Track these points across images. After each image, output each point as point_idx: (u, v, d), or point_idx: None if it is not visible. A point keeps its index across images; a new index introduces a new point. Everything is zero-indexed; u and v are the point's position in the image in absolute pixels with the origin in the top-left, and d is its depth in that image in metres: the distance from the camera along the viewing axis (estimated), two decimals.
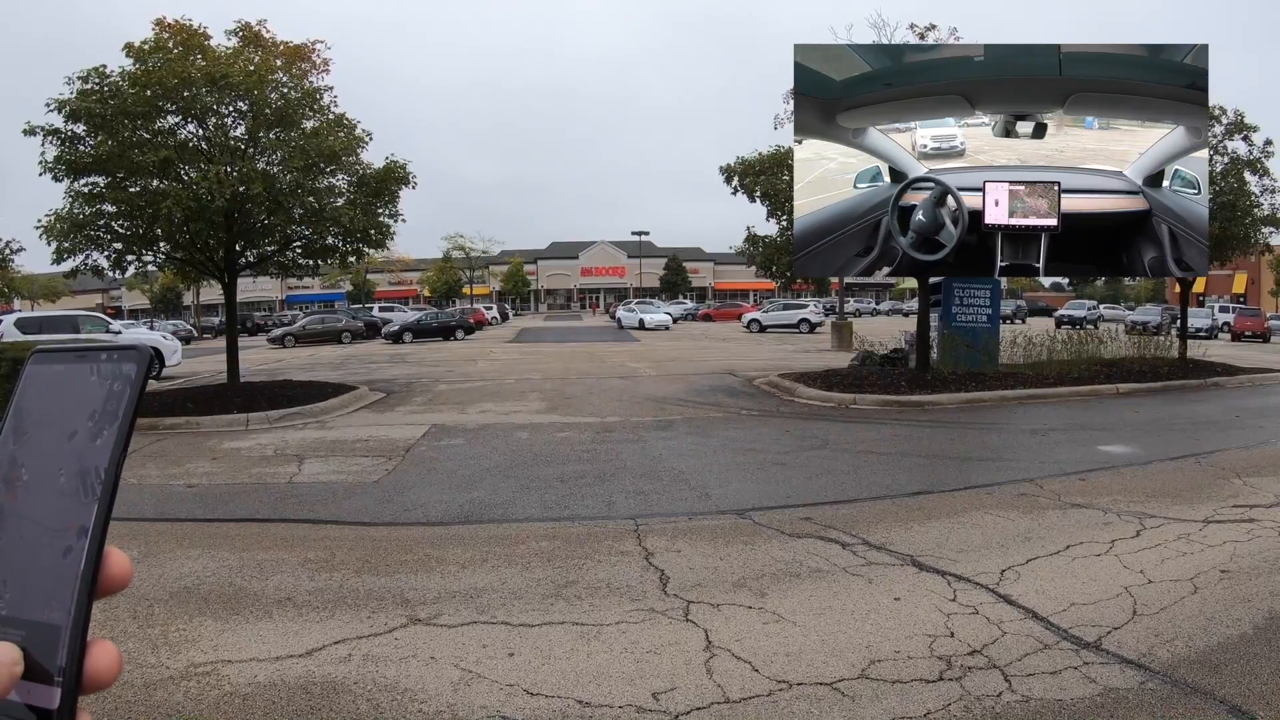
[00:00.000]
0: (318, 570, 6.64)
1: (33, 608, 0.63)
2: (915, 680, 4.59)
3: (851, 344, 29.50)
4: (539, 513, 8.48)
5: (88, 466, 0.65)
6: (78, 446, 0.66)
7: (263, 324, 62.12)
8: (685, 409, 16.01)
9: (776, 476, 10.10)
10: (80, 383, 0.68)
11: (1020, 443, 12.41)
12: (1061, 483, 9.33)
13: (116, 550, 0.66)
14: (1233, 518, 7.69)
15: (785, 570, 6.51)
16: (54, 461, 0.66)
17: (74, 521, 0.64)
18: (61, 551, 0.64)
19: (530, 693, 4.52)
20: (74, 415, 0.67)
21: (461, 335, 46.38)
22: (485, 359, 30.36)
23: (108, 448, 0.66)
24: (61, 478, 0.66)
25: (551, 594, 6.04)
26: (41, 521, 0.65)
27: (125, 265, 16.38)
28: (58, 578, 0.63)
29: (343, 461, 11.22)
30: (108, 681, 0.64)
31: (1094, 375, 18.63)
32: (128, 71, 14.97)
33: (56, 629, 0.62)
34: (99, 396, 0.67)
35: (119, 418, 0.67)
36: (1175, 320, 27.08)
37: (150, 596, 6.00)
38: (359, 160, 17.32)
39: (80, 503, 0.65)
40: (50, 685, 0.61)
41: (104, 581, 0.65)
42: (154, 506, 8.95)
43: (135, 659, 4.94)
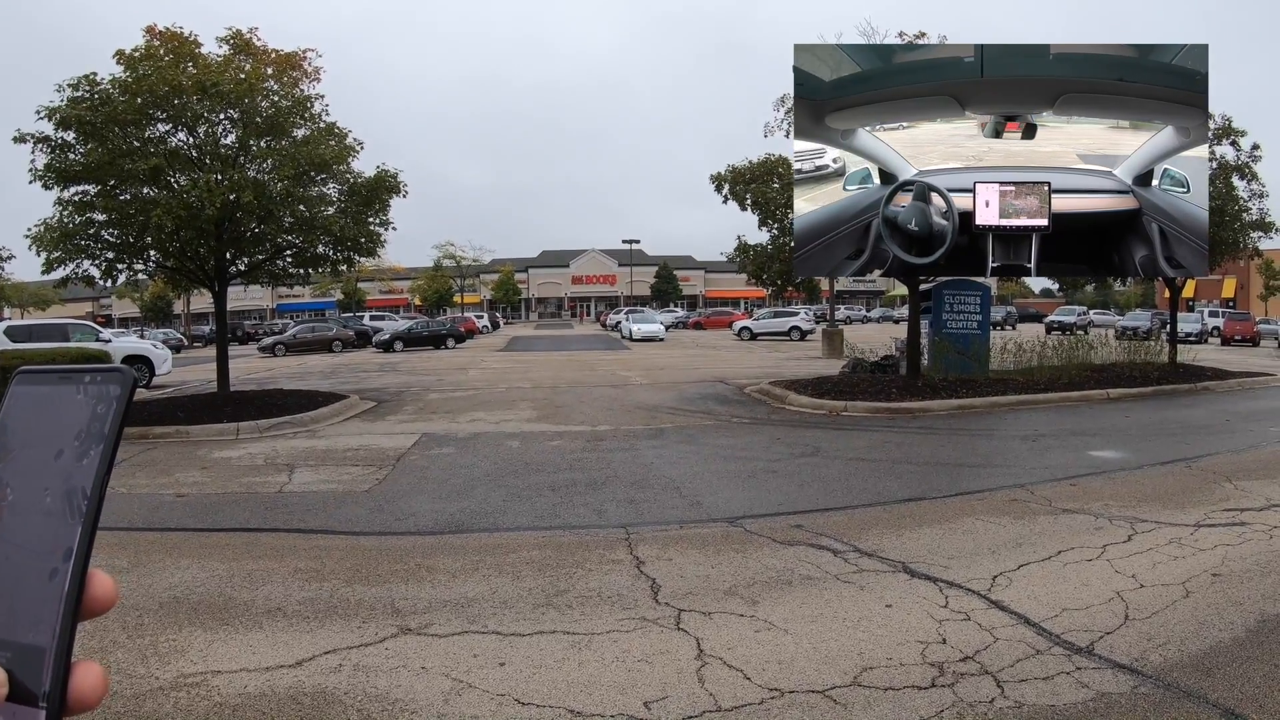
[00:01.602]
0: (308, 580, 6.61)
1: (17, 629, 0.62)
2: (908, 687, 4.58)
3: (842, 351, 29.56)
4: (530, 521, 8.46)
5: (73, 488, 0.65)
6: (62, 468, 0.66)
7: (253, 333, 62.00)
8: (676, 417, 16.00)
9: (768, 484, 10.10)
10: (65, 404, 0.68)
11: (1011, 448, 12.43)
12: (1053, 488, 9.34)
13: (100, 572, 0.66)
14: (1224, 521, 7.71)
15: (777, 578, 6.50)
16: (39, 482, 0.66)
17: (58, 543, 0.64)
18: (46, 573, 0.63)
19: (521, 702, 4.50)
20: (58, 437, 0.67)
21: (452, 344, 46.25)
22: (476, 367, 30.32)
23: (92, 469, 0.66)
24: (46, 499, 0.65)
25: (542, 603, 6.02)
26: (26, 543, 0.64)
27: (116, 274, 16.33)
28: (42, 599, 0.63)
29: (333, 471, 11.18)
30: (93, 704, 0.64)
31: (1084, 380, 18.67)
32: (119, 79, 14.95)
33: (41, 651, 0.62)
34: (84, 418, 0.67)
35: (103, 439, 0.66)
36: (1165, 325, 27.18)
37: (140, 606, 5.96)
38: (350, 169, 17.32)
39: (65, 524, 0.64)
40: (35, 708, 0.61)
41: (88, 603, 0.65)
42: (143, 516, 8.90)
43: (124, 670, 4.91)
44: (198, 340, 60.52)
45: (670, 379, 24.29)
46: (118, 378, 0.68)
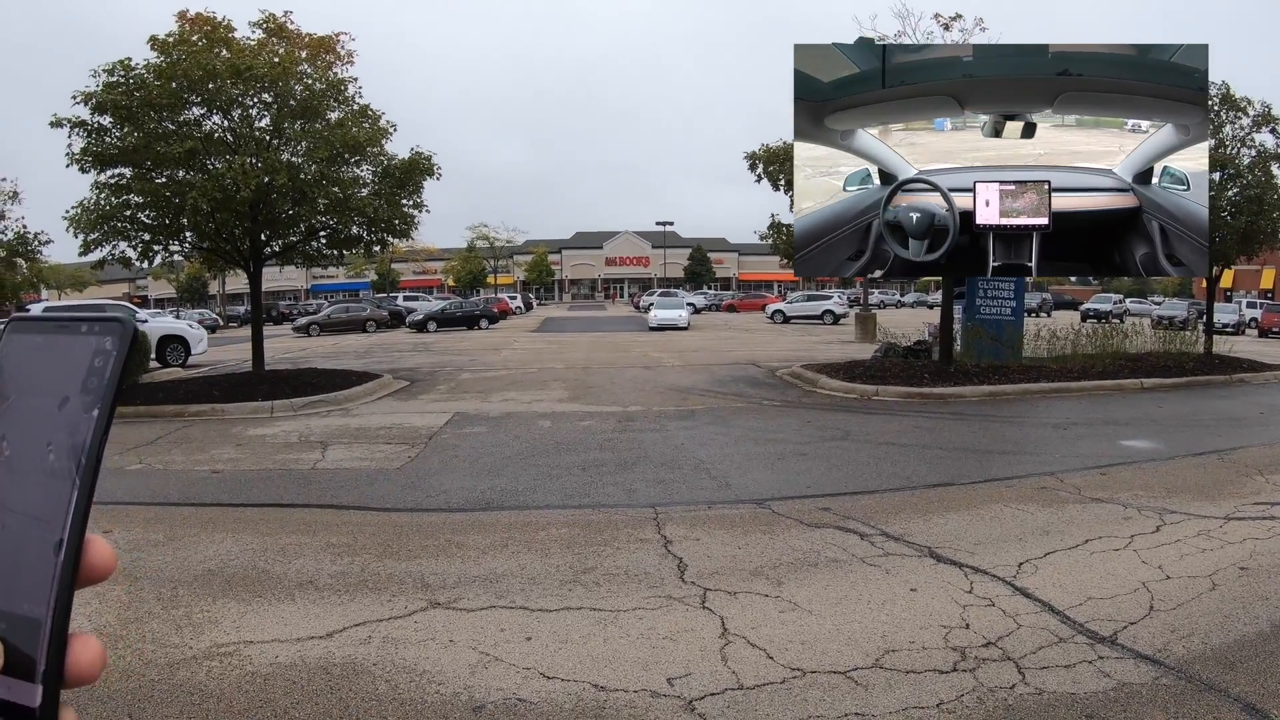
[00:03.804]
0: (340, 554, 6.73)
1: (12, 600, 0.59)
2: (929, 671, 4.61)
3: (875, 335, 29.44)
4: (559, 500, 8.55)
5: (66, 447, 0.61)
6: (55, 425, 0.62)
7: (288, 313, 62.58)
8: (707, 399, 16.04)
9: (797, 467, 10.12)
10: (60, 355, 0.64)
11: (1042, 436, 12.35)
12: (1082, 477, 9.28)
13: (98, 537, 0.63)
14: (1254, 515, 7.63)
15: (803, 559, 6.53)
16: (31, 441, 0.62)
17: (52, 505, 0.60)
18: (40, 538, 0.60)
19: (546, 676, 4.58)
20: (52, 390, 0.63)
21: (485, 325, 46.52)
22: (509, 348, 30.48)
23: (88, 427, 0.61)
24: (39, 458, 0.61)
25: (570, 580, 6.10)
26: (18, 505, 0.61)
27: (152, 255, 16.57)
28: (37, 567, 0.59)
29: (366, 448, 11.33)
30: (91, 677, 0.61)
31: (1118, 370, 18.46)
32: (153, 64, 15.13)
33: (37, 623, 0.59)
34: (80, 371, 0.63)
35: (101, 394, 0.62)
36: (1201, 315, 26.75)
37: (175, 579, 6.11)
38: (383, 151, 17.45)
39: (59, 485, 0.61)
40: (31, 682, 0.58)
41: (85, 571, 0.62)
42: (179, 491, 9.09)
43: (159, 639, 5.04)
44: (233, 320, 61.20)
45: (702, 361, 24.31)
46: (116, 328, 0.64)
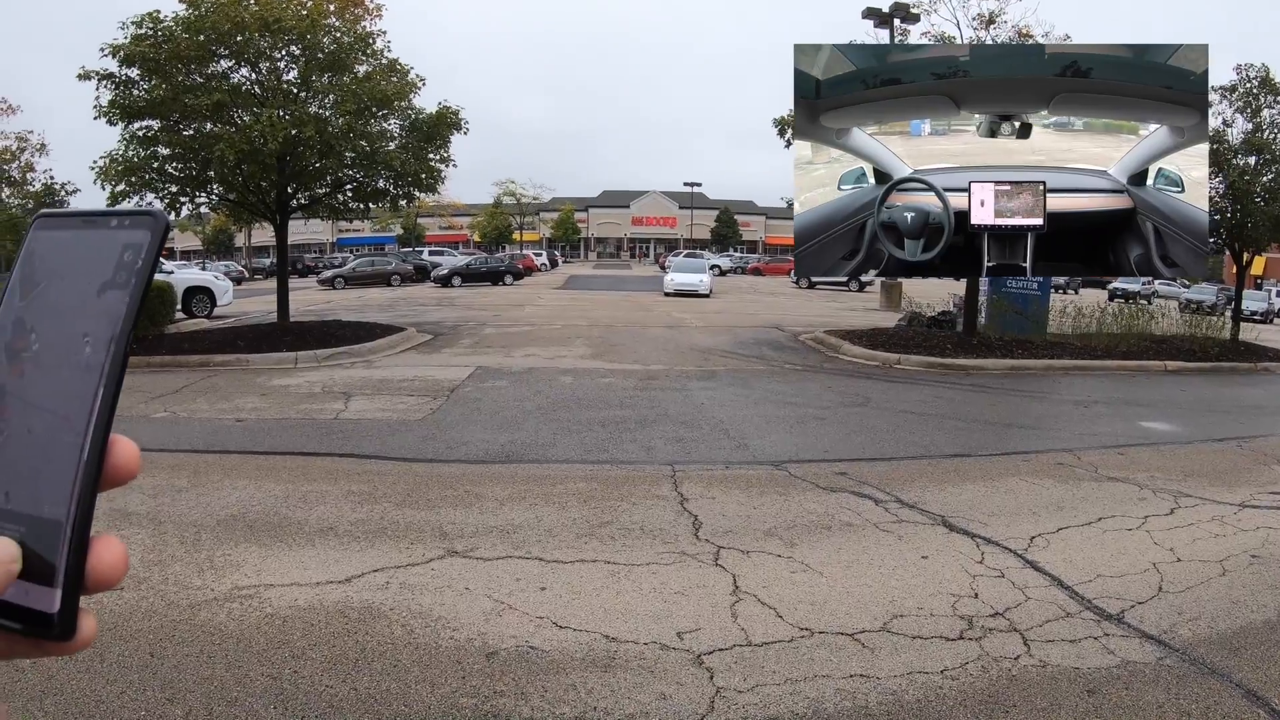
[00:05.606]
0: (360, 502, 6.84)
1: (33, 501, 0.58)
2: (935, 637, 4.66)
3: (900, 304, 29.21)
4: (579, 455, 8.63)
5: (95, 340, 0.60)
6: (83, 320, 0.61)
7: (313, 266, 62.61)
8: (729, 360, 16.07)
9: (815, 431, 10.16)
10: (89, 250, 0.63)
11: (1062, 413, 12.31)
12: (1100, 455, 9.26)
13: (123, 438, 0.61)
14: (1269, 504, 7.57)
15: (817, 522, 6.59)
16: (60, 335, 0.61)
17: (77, 401, 0.59)
18: (64, 435, 0.58)
19: (559, 625, 4.67)
20: (81, 286, 0.62)
21: (510, 281, 46.46)
22: (533, 304, 30.53)
23: (117, 321, 0.60)
24: (65, 353, 0.60)
25: (585, 533, 6.19)
26: (42, 401, 0.59)
27: (179, 207, 16.65)
28: (61, 467, 0.58)
29: (388, 400, 11.45)
30: (113, 582, 0.59)
31: (1143, 350, 18.25)
32: (181, 17, 15.09)
33: (58, 525, 0.57)
34: (109, 265, 0.62)
35: (130, 288, 0.61)
36: (1230, 301, 26.36)
37: (198, 523, 6.23)
38: (411, 105, 17.43)
39: (85, 381, 0.59)
40: (50, 587, 0.56)
41: (109, 471, 0.60)
42: (204, 439, 9.24)
43: (181, 582, 5.17)
44: (258, 273, 61.41)
45: (725, 323, 24.31)
46: (148, 222, 0.62)
